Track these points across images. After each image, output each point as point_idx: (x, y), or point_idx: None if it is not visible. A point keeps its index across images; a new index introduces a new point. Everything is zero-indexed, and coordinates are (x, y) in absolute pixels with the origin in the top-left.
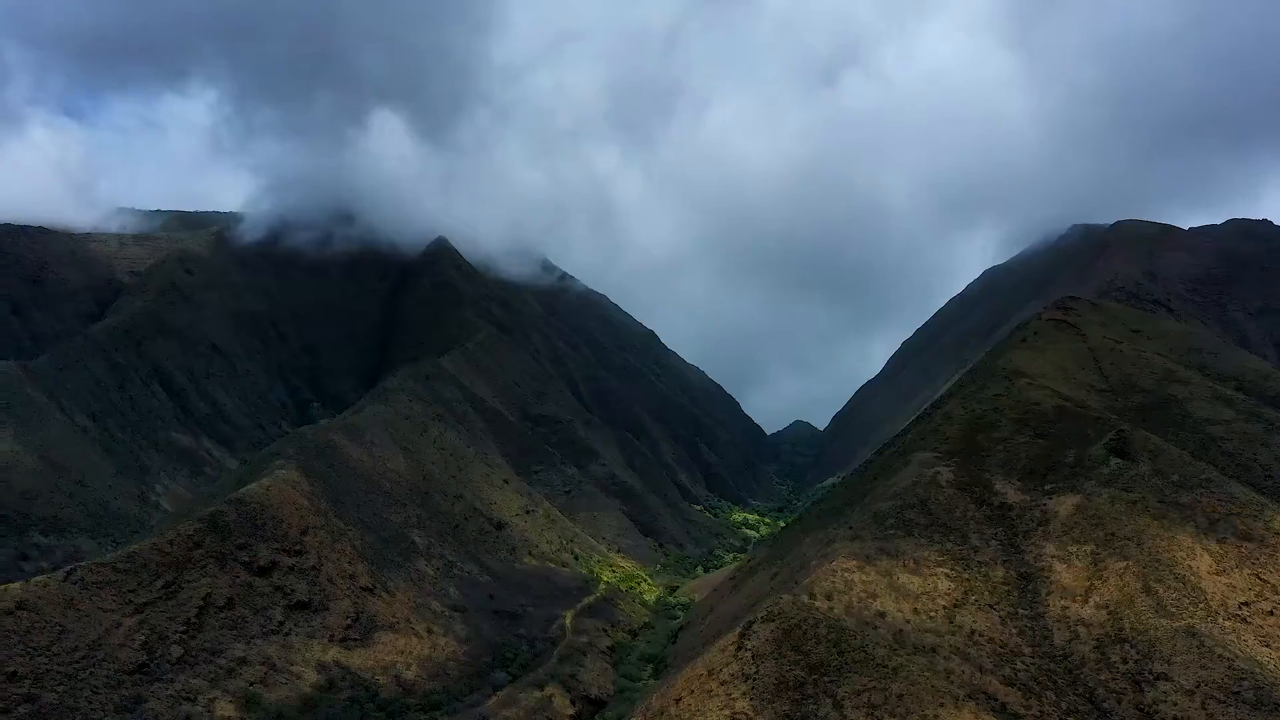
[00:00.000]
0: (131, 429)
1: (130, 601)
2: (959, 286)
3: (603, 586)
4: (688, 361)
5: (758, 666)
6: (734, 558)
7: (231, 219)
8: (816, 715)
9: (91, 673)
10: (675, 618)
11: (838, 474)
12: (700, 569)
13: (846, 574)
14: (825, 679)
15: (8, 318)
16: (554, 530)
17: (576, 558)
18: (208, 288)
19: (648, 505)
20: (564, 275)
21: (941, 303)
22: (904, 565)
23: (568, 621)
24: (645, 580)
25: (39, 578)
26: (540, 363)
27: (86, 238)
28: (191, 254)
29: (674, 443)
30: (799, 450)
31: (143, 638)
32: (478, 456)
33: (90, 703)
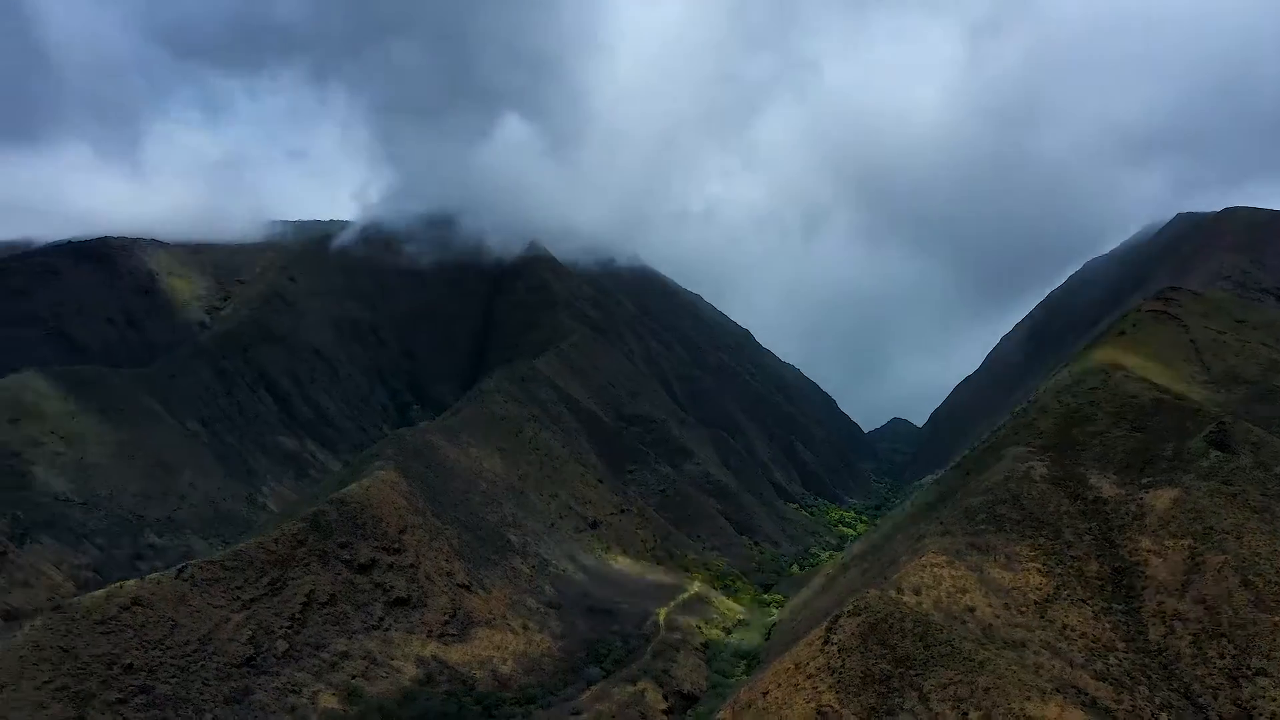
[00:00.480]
0: (239, 433)
1: (238, 598)
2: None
3: (697, 584)
4: (783, 360)
5: (844, 660)
6: (830, 556)
7: (333, 226)
8: (902, 708)
9: (202, 665)
10: (769, 615)
11: (935, 472)
12: (795, 567)
13: (936, 569)
14: (911, 672)
15: (122, 328)
16: (648, 529)
17: (671, 555)
18: (311, 295)
19: (743, 504)
20: (657, 275)
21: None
22: (995, 560)
23: (661, 618)
24: (740, 578)
25: (153, 575)
26: (634, 363)
27: (195, 248)
28: (295, 262)
29: (769, 441)
30: (897, 448)
31: (250, 632)
32: (572, 456)
33: (201, 694)
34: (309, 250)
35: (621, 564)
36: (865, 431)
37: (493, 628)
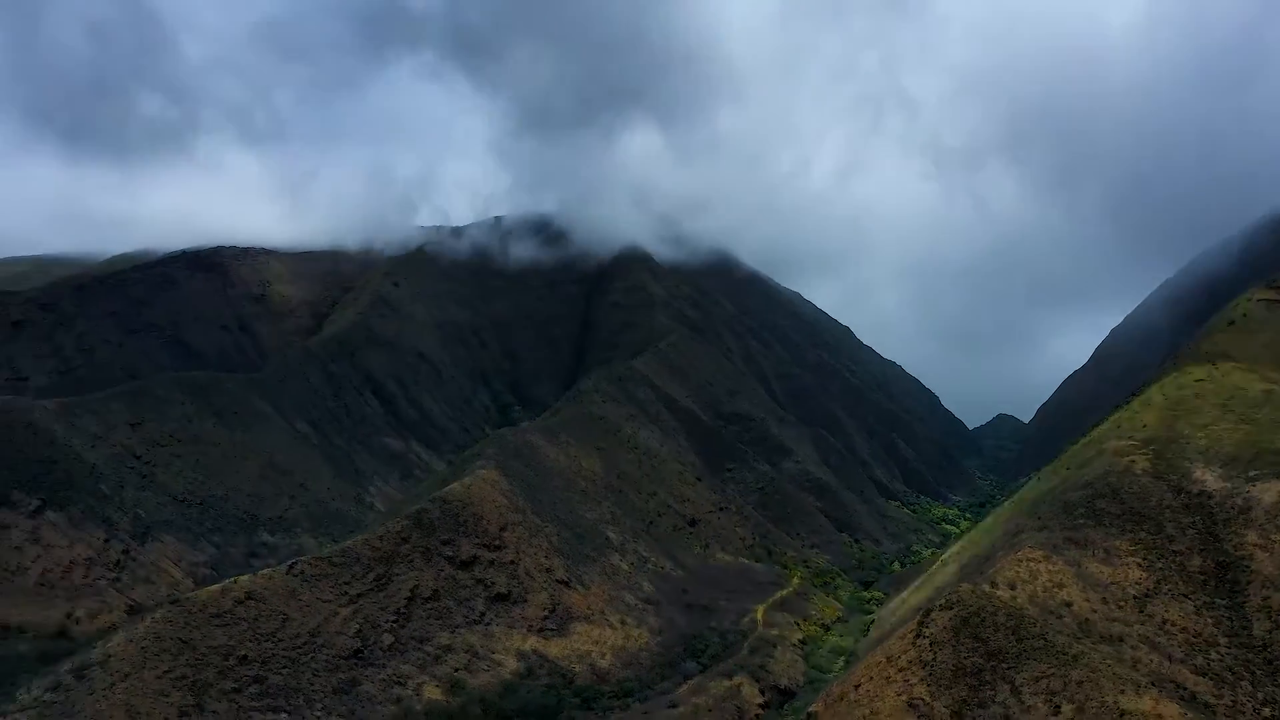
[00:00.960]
0: (347, 435)
1: (345, 593)
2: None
3: (796, 581)
4: (884, 357)
5: (935, 653)
6: (932, 554)
7: (438, 232)
8: (993, 701)
9: (312, 657)
10: (869, 612)
11: (1042, 467)
12: (896, 565)
13: (1032, 564)
14: (1003, 665)
15: (236, 334)
16: (747, 526)
17: (770, 553)
18: (414, 299)
19: (842, 501)
20: (756, 274)
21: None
22: (1093, 555)
23: (759, 615)
24: (840, 575)
25: (265, 570)
26: (732, 361)
27: (305, 256)
28: (399, 267)
29: (870, 439)
30: (1003, 445)
31: (357, 626)
32: (670, 455)
33: (311, 685)
34: (413, 255)
35: (720, 561)
36: (970, 428)
37: (591, 623)
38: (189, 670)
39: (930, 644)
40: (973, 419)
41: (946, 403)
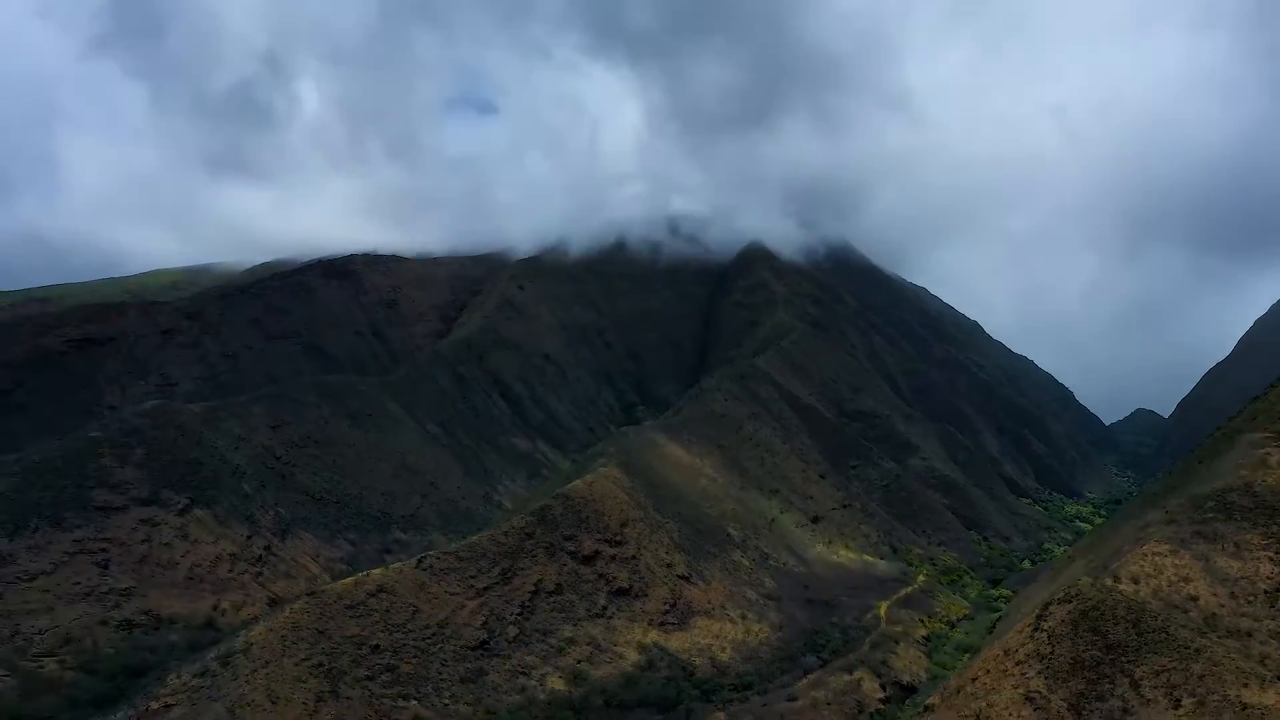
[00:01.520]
0: (475, 435)
1: (472, 586)
2: None
3: (921, 579)
4: (1015, 352)
5: (1053, 646)
6: (1063, 552)
7: (568, 230)
8: (1112, 694)
9: (440, 647)
10: (996, 610)
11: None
12: (1026, 562)
13: (1158, 558)
14: (1122, 659)
15: (369, 339)
16: (871, 524)
17: (894, 550)
18: (539, 301)
19: (970, 498)
20: (880, 270)
21: None
22: (1222, 549)
23: (882, 611)
24: (967, 573)
25: (395, 564)
26: (856, 358)
27: (433, 262)
28: (524, 271)
29: (999, 435)
30: (1141, 440)
31: (483, 618)
32: (793, 452)
33: (440, 673)
34: (538, 258)
35: (843, 558)
36: (1106, 424)
37: (711, 617)
38: (325, 658)
39: (1048, 637)
40: (1110, 414)
41: (1082, 398)
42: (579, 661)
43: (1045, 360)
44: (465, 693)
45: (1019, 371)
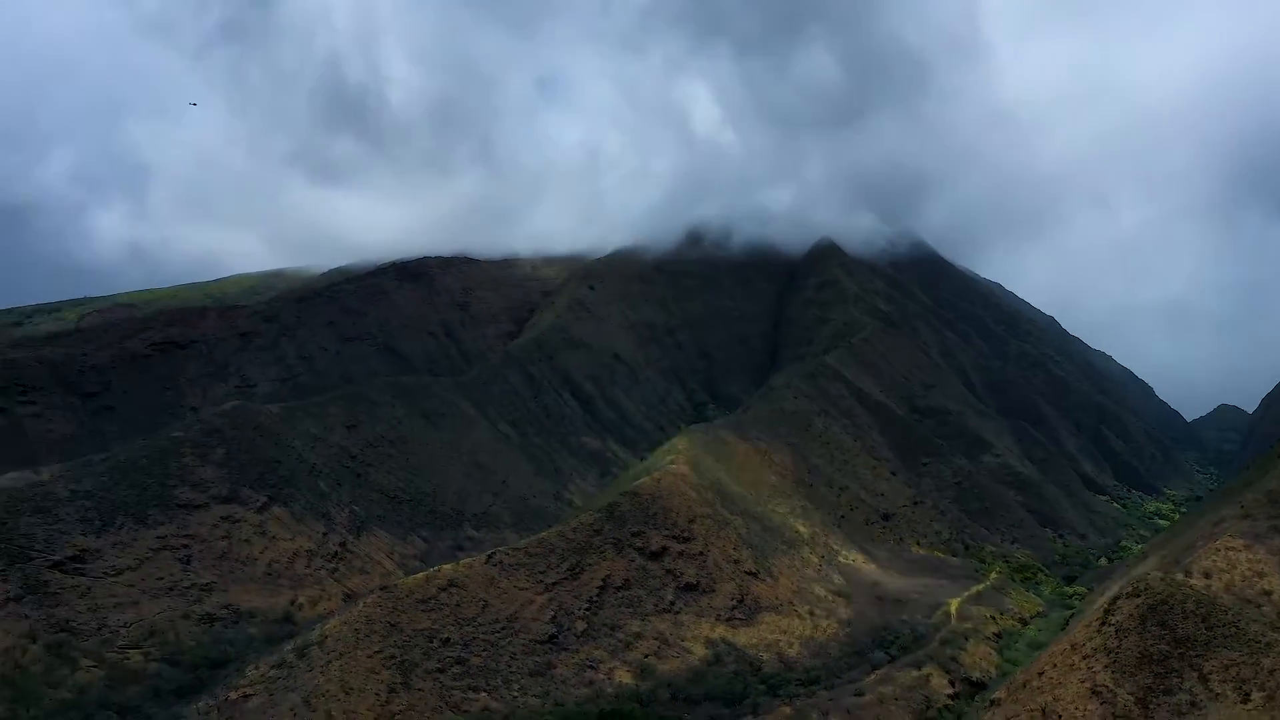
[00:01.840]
0: (546, 434)
1: (541, 581)
2: None
3: (993, 575)
4: (1093, 347)
5: (1120, 640)
6: (1139, 549)
7: (635, 233)
8: (1180, 688)
9: (510, 641)
10: (1071, 607)
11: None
12: (1103, 560)
13: (1231, 553)
14: (1191, 653)
15: (441, 340)
16: (943, 521)
17: (966, 547)
18: (609, 301)
19: (1045, 495)
20: (953, 266)
21: None
22: None
23: (953, 608)
24: (1041, 571)
25: (465, 559)
26: (929, 355)
27: (505, 263)
28: (594, 272)
29: (1076, 431)
30: (1225, 436)
31: (551, 613)
32: (863, 450)
33: (509, 666)
34: (608, 258)
35: (914, 555)
36: (1188, 420)
37: (779, 613)
38: (397, 650)
39: (1115, 631)
40: (1192, 410)
41: (1162, 393)
42: (646, 656)
43: (1126, 355)
44: (534, 685)
45: (1097, 367)
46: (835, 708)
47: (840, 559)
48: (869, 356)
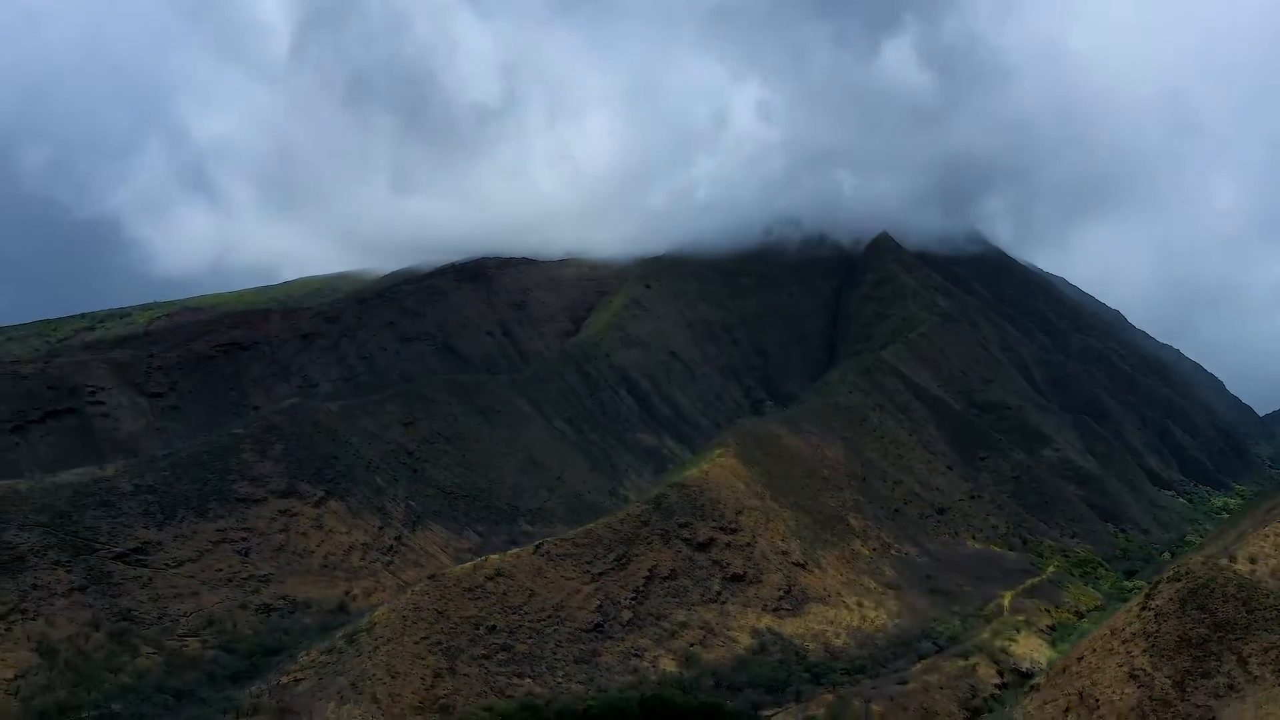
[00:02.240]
0: (602, 431)
1: (588, 571)
2: None
3: (1050, 569)
4: (1160, 341)
5: (1159, 625)
6: (1201, 542)
7: (690, 231)
8: (1218, 671)
9: (556, 630)
10: (1128, 600)
11: None
12: (1167, 554)
13: (1278, 538)
14: (1230, 637)
15: (499, 339)
16: (1000, 515)
17: (1024, 542)
18: (666, 300)
19: (1107, 490)
20: (1014, 261)
21: None
22: None
23: (1006, 601)
24: (1101, 565)
25: (514, 550)
26: (988, 350)
27: (563, 263)
28: (651, 270)
29: (1142, 426)
30: None
31: (598, 602)
32: (919, 444)
33: (554, 654)
34: (665, 257)
35: (970, 549)
36: (1260, 414)
37: (827, 604)
38: (443, 637)
39: (1155, 616)
40: (1265, 405)
41: (1233, 388)
42: (691, 644)
43: (1196, 349)
44: (578, 672)
45: (1164, 361)
46: (879, 695)
47: (892, 552)
48: (927, 351)
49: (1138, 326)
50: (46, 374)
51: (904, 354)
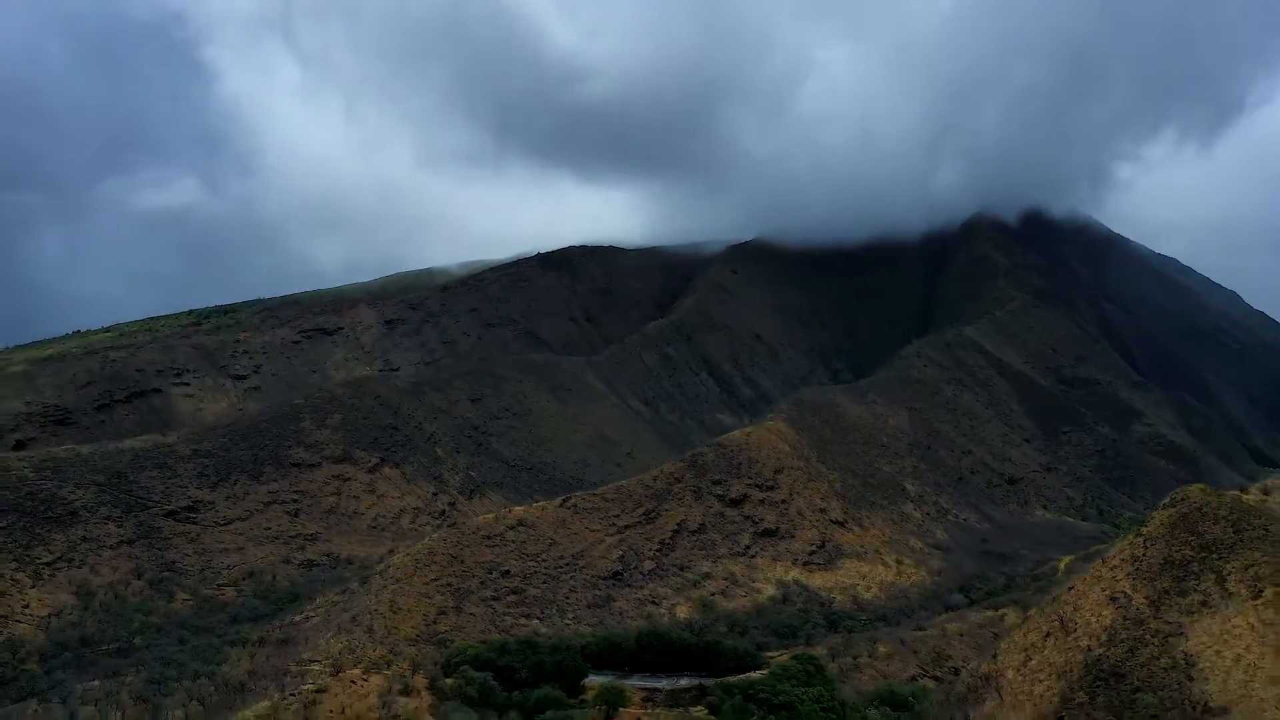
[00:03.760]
0: (680, 411)
1: (614, 525)
2: None
3: (1123, 539)
4: (1278, 320)
5: (1146, 549)
6: None
7: (780, 216)
8: (1195, 589)
9: (572, 576)
10: None
11: None
12: None
13: None
14: (1214, 556)
15: (582, 324)
16: (1078, 487)
17: (1101, 513)
18: (751, 285)
19: (1201, 465)
20: (1123, 240)
21: None
22: None
23: (1062, 564)
24: None
25: (539, 503)
26: (1083, 328)
27: (650, 251)
28: (737, 256)
29: (1250, 405)
30: None
31: (620, 553)
32: (995, 417)
33: (567, 598)
34: (751, 243)
35: (1038, 518)
36: None
37: (863, 560)
38: (454, 579)
39: (1144, 541)
40: None
41: None
42: (713, 594)
43: None
44: (590, 616)
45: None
46: (889, 638)
47: (949, 517)
48: (1014, 329)
49: (1256, 308)
50: (136, 358)
51: (988, 330)
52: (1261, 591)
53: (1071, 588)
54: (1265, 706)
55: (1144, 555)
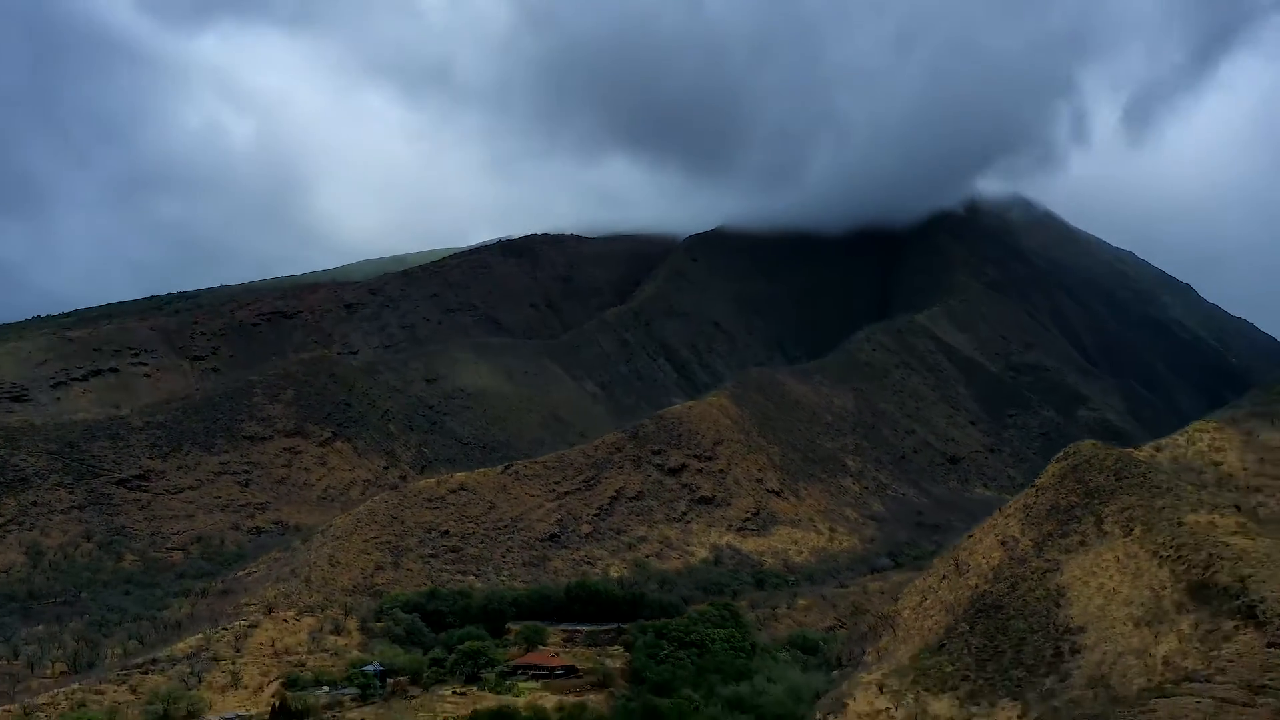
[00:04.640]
0: (636, 395)
1: (554, 491)
2: None
3: None
4: (1231, 314)
5: (1037, 497)
6: None
7: (740, 207)
8: (1076, 531)
9: (510, 538)
10: None
11: None
12: None
13: (1199, 432)
14: (1095, 502)
15: (543, 310)
16: (1020, 468)
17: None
18: (712, 274)
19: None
20: (1079, 232)
21: None
22: (1273, 424)
23: None
24: None
25: (482, 469)
26: (1034, 317)
27: (612, 239)
28: (698, 245)
29: (1197, 394)
30: None
31: (558, 517)
32: (941, 399)
33: (504, 557)
34: (712, 233)
35: (977, 495)
36: None
37: (796, 527)
38: (393, 538)
39: (1036, 491)
40: None
41: None
42: (647, 556)
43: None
44: (525, 574)
45: (1231, 332)
46: (810, 594)
47: (888, 492)
48: (966, 316)
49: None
50: (94, 337)
51: (940, 318)
52: (1132, 530)
53: (970, 535)
54: (1116, 622)
55: (1035, 503)
